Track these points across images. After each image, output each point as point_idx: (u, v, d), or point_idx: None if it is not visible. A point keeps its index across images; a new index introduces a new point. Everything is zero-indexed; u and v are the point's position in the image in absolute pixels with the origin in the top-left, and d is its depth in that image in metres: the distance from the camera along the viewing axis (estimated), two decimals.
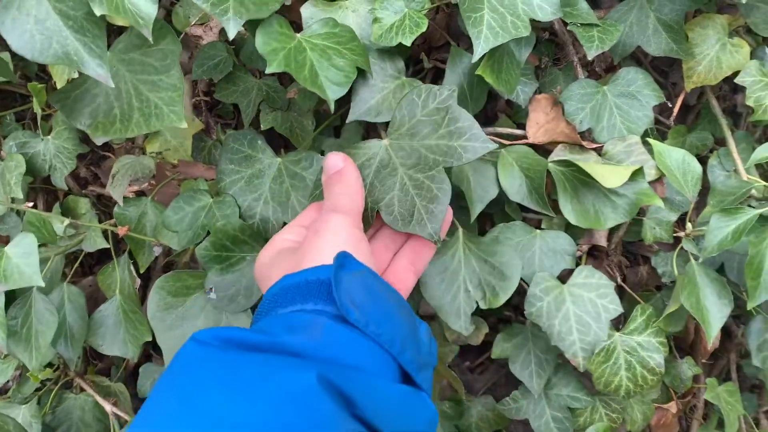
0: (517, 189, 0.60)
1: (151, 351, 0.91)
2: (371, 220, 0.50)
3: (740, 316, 0.82)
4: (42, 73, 0.91)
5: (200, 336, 0.35)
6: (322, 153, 0.63)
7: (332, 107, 0.53)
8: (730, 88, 0.82)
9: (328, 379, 0.32)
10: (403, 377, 0.39)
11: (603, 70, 0.73)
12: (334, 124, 0.76)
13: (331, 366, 0.34)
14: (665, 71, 0.80)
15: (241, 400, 0.31)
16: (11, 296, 0.69)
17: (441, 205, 0.48)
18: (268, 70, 0.51)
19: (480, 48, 0.54)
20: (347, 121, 0.58)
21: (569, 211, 0.60)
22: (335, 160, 0.47)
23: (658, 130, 0.73)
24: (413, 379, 0.38)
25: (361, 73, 0.58)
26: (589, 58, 0.60)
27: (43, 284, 0.61)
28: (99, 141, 0.54)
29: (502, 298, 0.55)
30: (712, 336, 0.61)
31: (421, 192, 0.49)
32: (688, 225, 0.64)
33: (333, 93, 0.53)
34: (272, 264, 0.45)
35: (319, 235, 0.43)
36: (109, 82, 0.45)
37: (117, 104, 0.52)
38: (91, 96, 0.53)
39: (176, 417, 0.31)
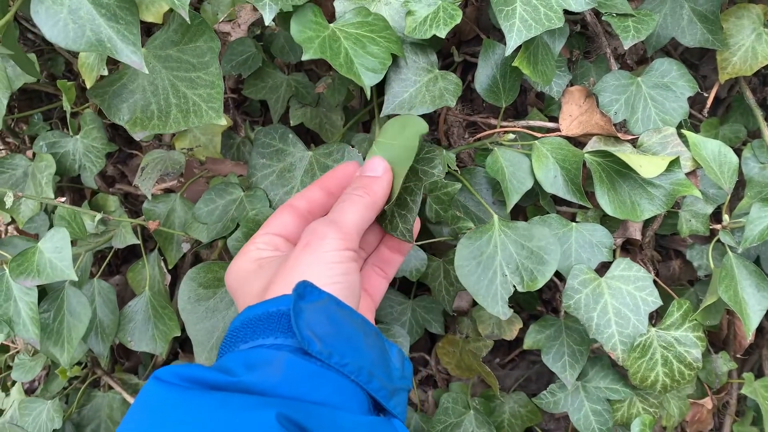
0: (552, 181, 0.60)
1: (178, 349, 0.92)
2: None
3: None
4: (69, 72, 0.92)
5: (162, 375, 0.35)
6: (353, 146, 0.63)
7: (368, 94, 0.53)
8: (759, 81, 0.81)
9: (287, 417, 0.31)
10: (375, 405, 0.38)
11: (635, 62, 0.73)
12: (363, 120, 0.76)
13: (292, 403, 0.33)
14: (695, 64, 0.80)
15: None
16: (42, 291, 0.69)
17: (412, 212, 0.48)
18: (304, 57, 0.51)
19: (513, 41, 0.54)
20: (380, 116, 0.58)
21: (606, 202, 0.59)
22: (377, 164, 0.46)
23: (691, 124, 0.73)
24: (385, 406, 0.38)
25: (394, 67, 0.58)
26: (625, 48, 0.59)
27: (76, 278, 0.61)
28: (138, 136, 0.54)
29: (540, 282, 0.55)
30: (750, 329, 0.60)
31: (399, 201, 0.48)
32: (725, 217, 0.63)
33: (369, 79, 0.53)
34: (246, 279, 0.44)
35: (303, 257, 0.41)
36: (143, 68, 0.45)
37: (154, 100, 0.52)
38: (128, 91, 0.53)
39: None
